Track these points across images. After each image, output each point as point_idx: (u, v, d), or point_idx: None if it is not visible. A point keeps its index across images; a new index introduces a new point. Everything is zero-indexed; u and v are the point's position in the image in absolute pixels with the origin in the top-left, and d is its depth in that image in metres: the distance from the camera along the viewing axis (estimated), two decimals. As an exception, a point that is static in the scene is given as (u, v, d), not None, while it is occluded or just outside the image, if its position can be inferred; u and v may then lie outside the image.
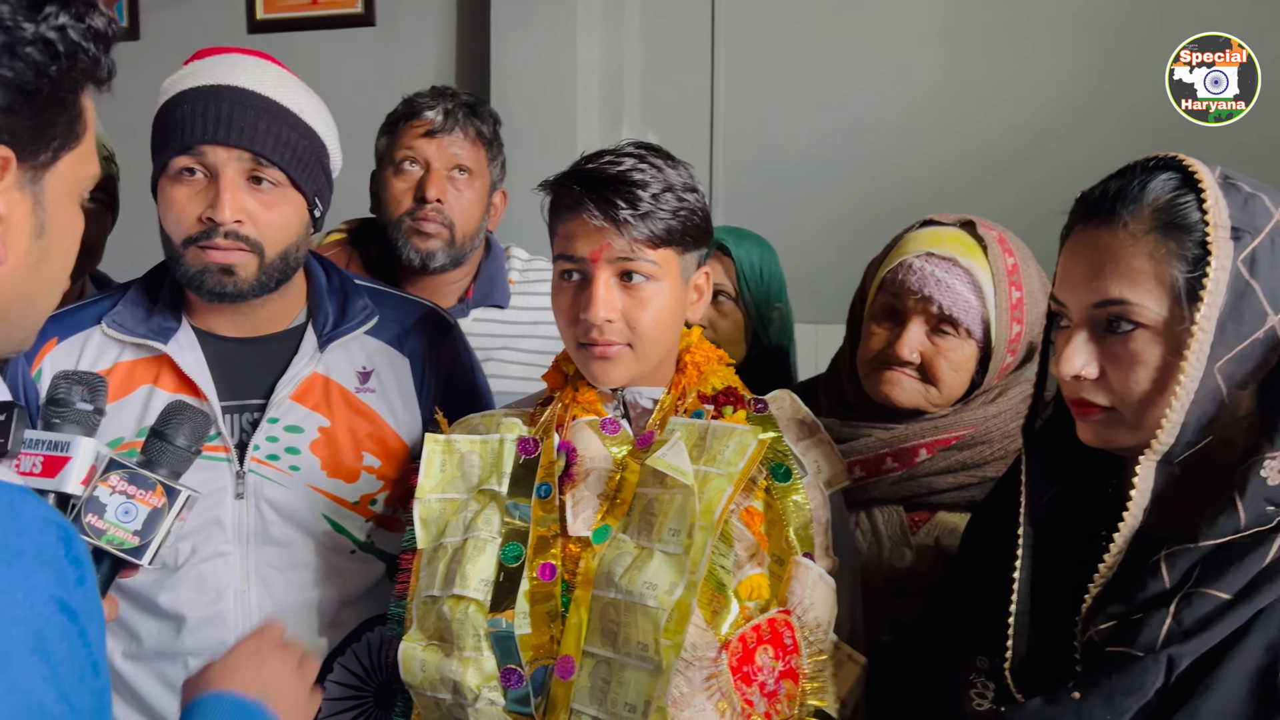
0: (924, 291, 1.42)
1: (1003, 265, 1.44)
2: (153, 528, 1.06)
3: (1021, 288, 1.45)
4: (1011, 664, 1.06)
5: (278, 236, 1.41)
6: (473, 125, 1.92)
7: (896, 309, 1.47)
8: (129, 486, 1.06)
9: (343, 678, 1.49)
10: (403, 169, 1.91)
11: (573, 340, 1.29)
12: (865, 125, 2.91)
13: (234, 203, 1.37)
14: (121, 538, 1.05)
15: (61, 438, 1.05)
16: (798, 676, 1.21)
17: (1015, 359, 1.48)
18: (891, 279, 1.46)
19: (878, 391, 1.47)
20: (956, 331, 1.43)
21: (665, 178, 1.25)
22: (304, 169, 1.42)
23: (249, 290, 1.42)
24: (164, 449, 1.11)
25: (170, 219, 1.40)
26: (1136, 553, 1.01)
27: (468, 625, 1.21)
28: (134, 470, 1.07)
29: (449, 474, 1.32)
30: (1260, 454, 0.95)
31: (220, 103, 1.37)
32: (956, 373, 1.45)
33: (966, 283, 1.42)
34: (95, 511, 1.05)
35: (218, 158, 1.37)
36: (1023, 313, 1.45)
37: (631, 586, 1.17)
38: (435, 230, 1.89)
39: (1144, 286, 0.98)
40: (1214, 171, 0.99)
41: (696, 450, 1.23)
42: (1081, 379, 1.03)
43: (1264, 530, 0.95)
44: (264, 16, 3.34)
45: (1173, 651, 0.94)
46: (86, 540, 1.02)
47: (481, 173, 1.95)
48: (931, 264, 1.42)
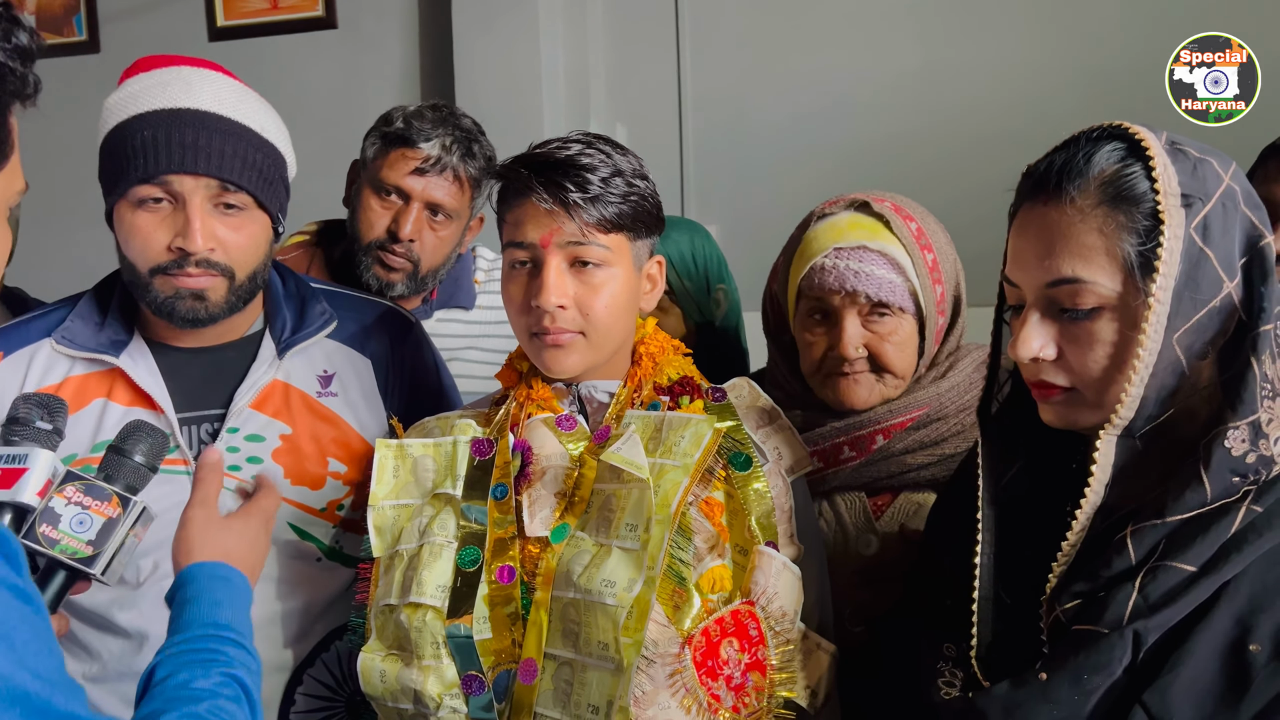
0: (845, 287, 1.39)
1: (910, 234, 1.42)
2: (106, 538, 1.07)
3: (931, 248, 1.43)
4: (978, 650, 1.04)
5: (247, 259, 1.39)
6: (464, 167, 1.86)
7: (824, 311, 1.44)
8: (84, 497, 1.07)
9: (313, 689, 1.46)
10: (384, 197, 1.87)
11: (524, 330, 1.26)
12: (837, 110, 2.89)
13: (205, 231, 1.34)
14: (75, 547, 1.06)
15: (19, 450, 1.08)
16: (765, 668, 1.18)
17: (945, 318, 1.46)
18: (808, 285, 1.43)
19: (837, 400, 1.44)
20: (890, 311, 1.41)
21: (614, 163, 1.23)
22: (269, 187, 1.40)
23: (220, 314, 1.40)
24: (121, 464, 1.12)
25: (135, 248, 1.37)
26: (1101, 530, 0.99)
27: (426, 633, 1.18)
28: (90, 482, 1.08)
29: (402, 479, 1.30)
30: (1223, 424, 0.94)
31: (183, 129, 1.33)
32: (903, 351, 1.43)
33: (884, 264, 1.39)
34: (50, 522, 1.06)
35: (184, 186, 1.33)
36: (939, 272, 1.43)
37: (590, 585, 1.14)
38: (399, 265, 1.87)
39: (1096, 263, 0.96)
40: (1160, 138, 0.97)
41: (653, 443, 1.21)
42: (1040, 361, 1.01)
43: (1229, 501, 0.94)
44: (224, 24, 3.30)
45: (1138, 627, 0.93)
46: (40, 551, 1.05)
47: (461, 213, 1.91)
48: (843, 258, 1.39)
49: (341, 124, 2.53)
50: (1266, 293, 0.95)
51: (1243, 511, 0.93)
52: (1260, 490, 0.94)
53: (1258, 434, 0.94)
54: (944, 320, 1.46)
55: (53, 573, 1.08)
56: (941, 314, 1.45)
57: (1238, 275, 0.95)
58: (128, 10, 3.42)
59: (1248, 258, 0.96)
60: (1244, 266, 0.96)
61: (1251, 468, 0.94)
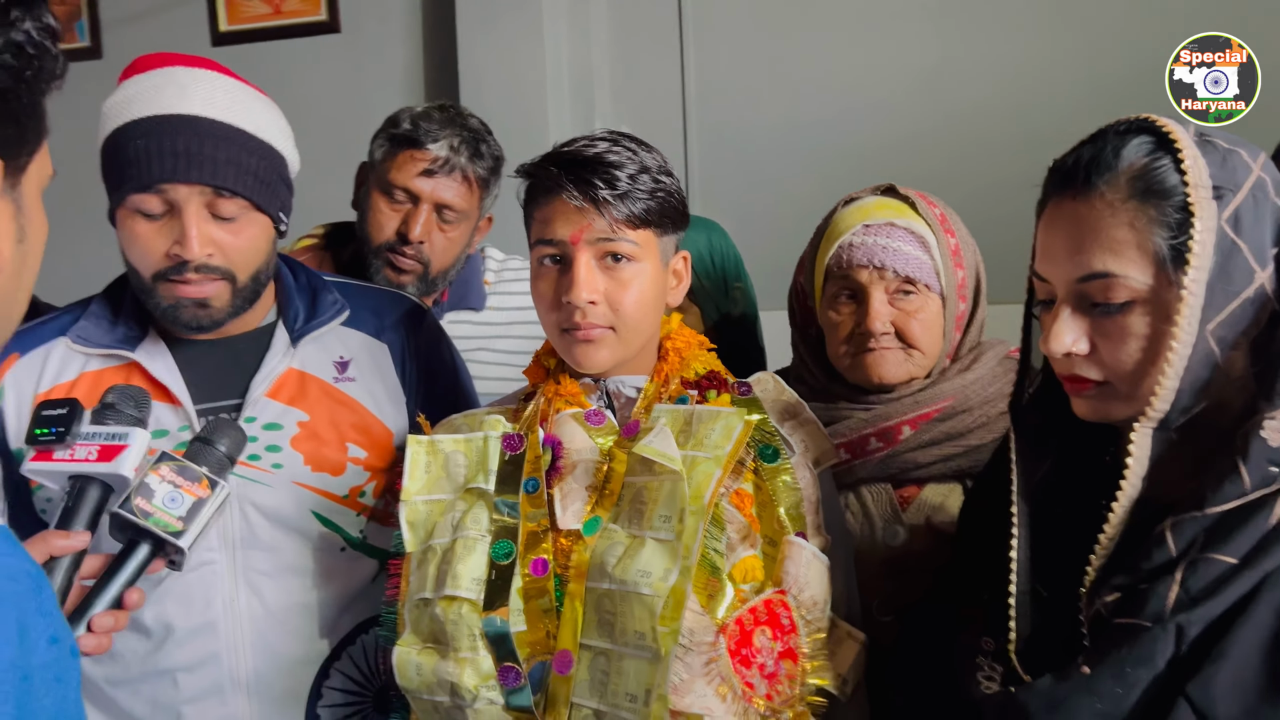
0: (874, 262, 1.43)
1: (934, 215, 1.47)
2: (194, 515, 1.17)
3: (954, 234, 1.47)
4: (1016, 645, 1.04)
5: (247, 261, 1.40)
6: (472, 168, 1.87)
7: (852, 289, 1.47)
8: (177, 477, 1.18)
9: (341, 684, 1.47)
10: (393, 199, 1.88)
11: (555, 326, 1.28)
12: (841, 109, 2.91)
13: (201, 237, 1.35)
14: (167, 521, 1.15)
15: (119, 429, 1.18)
16: (797, 656, 1.19)
17: (967, 305, 1.49)
18: (836, 264, 1.46)
19: (865, 376, 1.47)
20: (916, 289, 1.44)
21: (640, 160, 1.25)
22: (266, 190, 1.40)
23: (225, 318, 1.41)
24: (209, 453, 1.22)
25: (136, 254, 1.38)
26: (1137, 522, 0.99)
27: (462, 626, 1.19)
28: (183, 463, 1.19)
29: (434, 475, 1.31)
30: (1259, 415, 0.94)
31: (176, 137, 1.33)
32: (929, 331, 1.46)
33: (912, 241, 1.43)
34: (145, 496, 1.15)
35: (179, 194, 1.34)
36: (961, 257, 1.47)
37: (625, 576, 1.15)
38: (410, 267, 1.87)
39: (1127, 256, 0.96)
40: (1189, 130, 0.98)
41: (683, 435, 1.22)
42: (1072, 355, 1.01)
43: (1269, 492, 0.93)
44: (227, 29, 3.31)
45: (1181, 620, 0.92)
46: (135, 522, 1.14)
47: (470, 213, 1.92)
48: (871, 234, 1.43)
49: (346, 127, 2.53)
50: None
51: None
52: None
53: None
54: (965, 307, 1.48)
55: (136, 546, 1.16)
56: (963, 299, 1.47)
57: (1270, 265, 0.96)
58: (130, 16, 3.43)
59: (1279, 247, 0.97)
60: (1276, 256, 0.96)
61: None
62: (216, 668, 1.40)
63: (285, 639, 1.43)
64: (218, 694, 1.40)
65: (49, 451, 1.18)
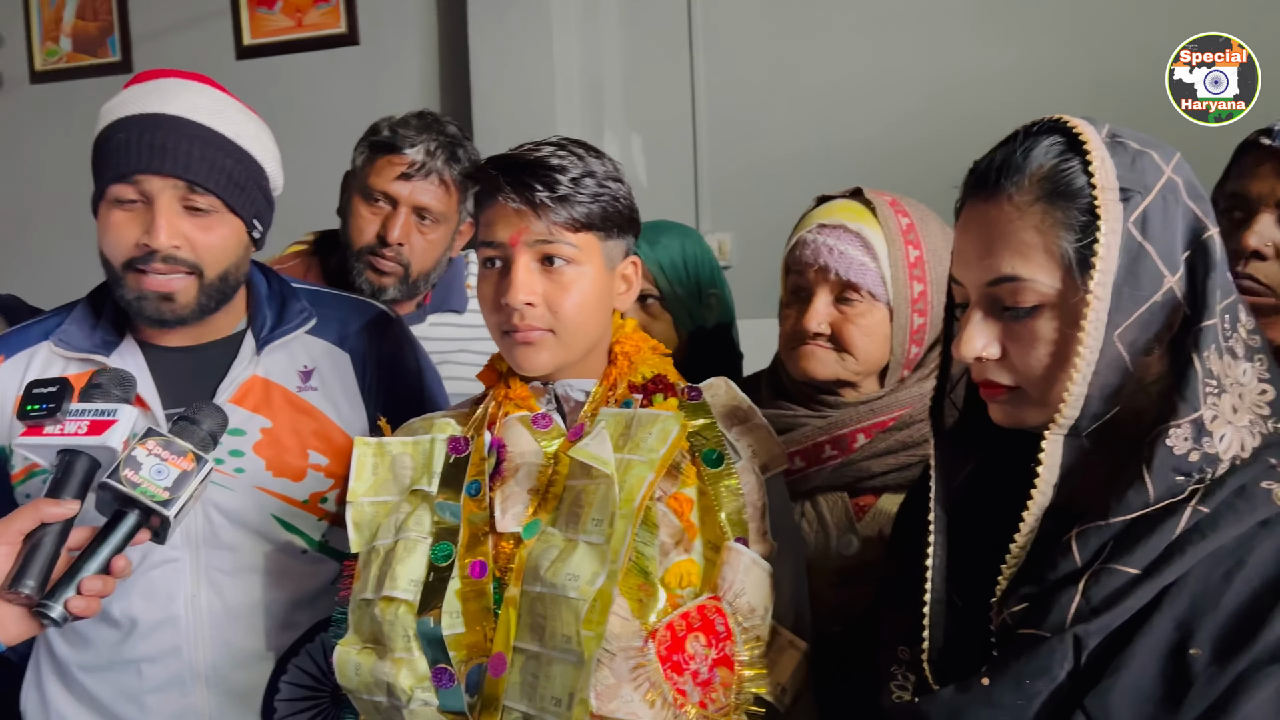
0: (819, 262, 1.42)
1: (895, 225, 1.44)
2: (180, 487, 1.20)
3: (920, 245, 1.44)
4: (929, 654, 1.02)
5: (215, 258, 1.44)
6: (449, 171, 1.93)
7: (802, 287, 1.47)
8: (163, 451, 1.22)
9: (297, 678, 1.50)
10: (373, 203, 1.93)
11: (496, 328, 1.29)
12: (852, 117, 2.89)
13: (169, 228, 1.39)
14: (154, 491, 1.19)
15: (108, 405, 1.23)
16: (733, 664, 1.19)
17: (928, 319, 1.46)
18: (792, 260, 1.47)
19: (797, 369, 1.47)
20: (860, 295, 1.43)
21: (586, 165, 1.26)
22: (239, 193, 1.44)
23: (190, 315, 1.45)
24: (194, 430, 1.25)
25: (109, 243, 1.43)
26: (1051, 531, 0.97)
27: (398, 626, 1.21)
28: (169, 438, 1.23)
29: (381, 477, 1.33)
30: (1166, 423, 0.92)
31: (154, 131, 1.40)
32: (869, 338, 1.44)
33: (857, 245, 1.42)
34: (132, 468, 1.19)
35: (152, 185, 1.39)
36: (924, 270, 1.44)
37: (555, 579, 1.16)
38: (390, 269, 1.93)
39: (1035, 260, 0.95)
40: (1101, 130, 0.96)
41: (622, 439, 1.23)
42: (984, 360, 1.00)
43: (1174, 501, 0.92)
44: (251, 42, 3.38)
45: (1079, 630, 0.91)
46: (122, 491, 1.18)
47: (449, 216, 1.97)
48: (823, 235, 1.43)
49: (363, 136, 2.58)
50: (1210, 287, 0.93)
51: (1188, 512, 0.91)
52: (1207, 490, 0.92)
53: (1201, 432, 0.92)
54: (923, 321, 1.46)
55: (123, 516, 1.20)
56: (920, 313, 1.45)
57: (1180, 269, 0.94)
58: (159, 31, 3.52)
59: (1190, 251, 0.94)
60: (1187, 260, 0.94)
61: (1195, 466, 0.92)
62: (177, 660, 1.45)
63: (243, 635, 1.47)
64: (179, 685, 1.45)
65: (39, 426, 1.22)
